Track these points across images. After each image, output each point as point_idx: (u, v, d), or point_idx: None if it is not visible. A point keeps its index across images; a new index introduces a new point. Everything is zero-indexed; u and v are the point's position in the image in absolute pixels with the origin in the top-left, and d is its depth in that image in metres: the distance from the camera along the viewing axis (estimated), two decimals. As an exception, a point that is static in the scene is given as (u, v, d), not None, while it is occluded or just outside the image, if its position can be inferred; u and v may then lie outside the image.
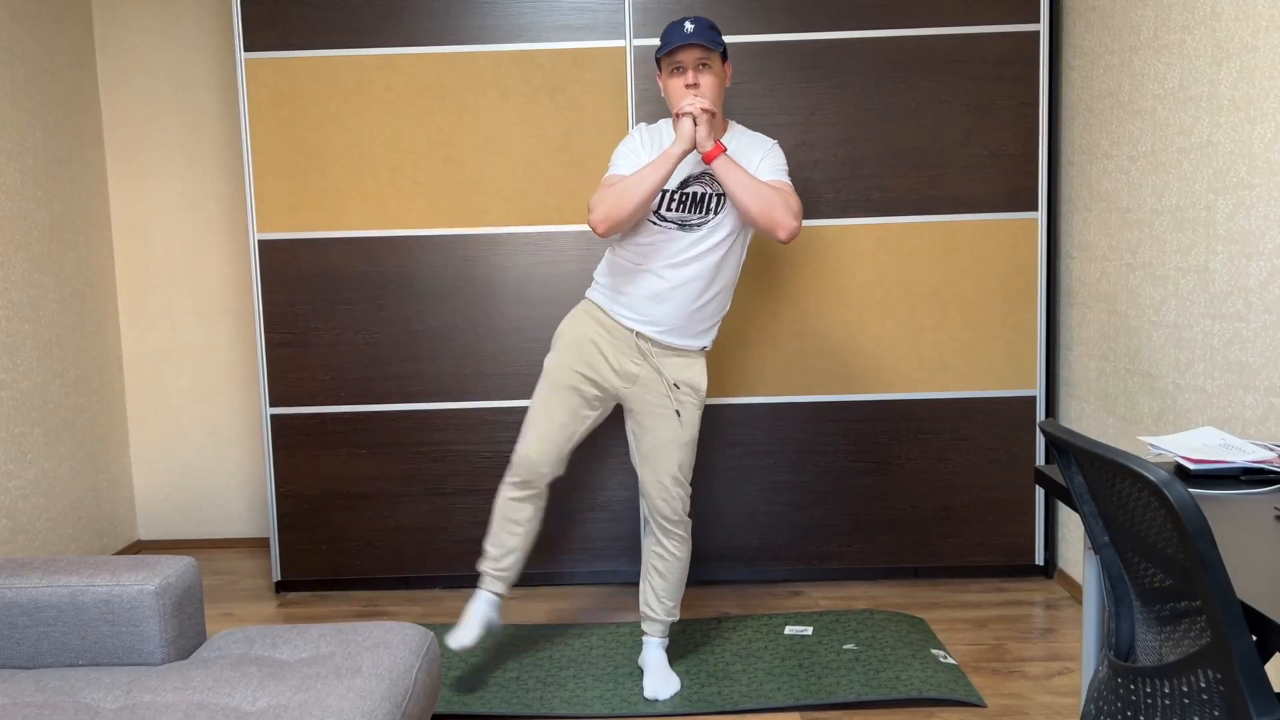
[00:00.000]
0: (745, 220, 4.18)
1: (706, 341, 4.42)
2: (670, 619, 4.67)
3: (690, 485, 4.75)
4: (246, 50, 5.61)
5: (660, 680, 4.59)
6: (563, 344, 4.45)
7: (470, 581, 5.91)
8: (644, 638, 4.73)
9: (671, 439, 4.41)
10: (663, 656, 4.67)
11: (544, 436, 4.45)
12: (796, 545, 5.84)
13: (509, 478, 4.49)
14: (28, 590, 3.37)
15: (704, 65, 4.18)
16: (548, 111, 5.61)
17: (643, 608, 4.69)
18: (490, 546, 4.57)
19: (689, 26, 4.15)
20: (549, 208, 5.66)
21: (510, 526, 4.53)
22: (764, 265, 5.64)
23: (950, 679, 4.59)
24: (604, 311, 4.44)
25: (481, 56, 5.59)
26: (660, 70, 4.27)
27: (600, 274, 4.49)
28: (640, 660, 4.78)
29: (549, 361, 4.45)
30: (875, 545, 5.84)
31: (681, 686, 4.61)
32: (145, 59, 6.50)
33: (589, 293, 4.50)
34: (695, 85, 4.17)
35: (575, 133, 5.62)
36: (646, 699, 4.52)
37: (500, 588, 4.58)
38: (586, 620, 5.45)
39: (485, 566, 4.58)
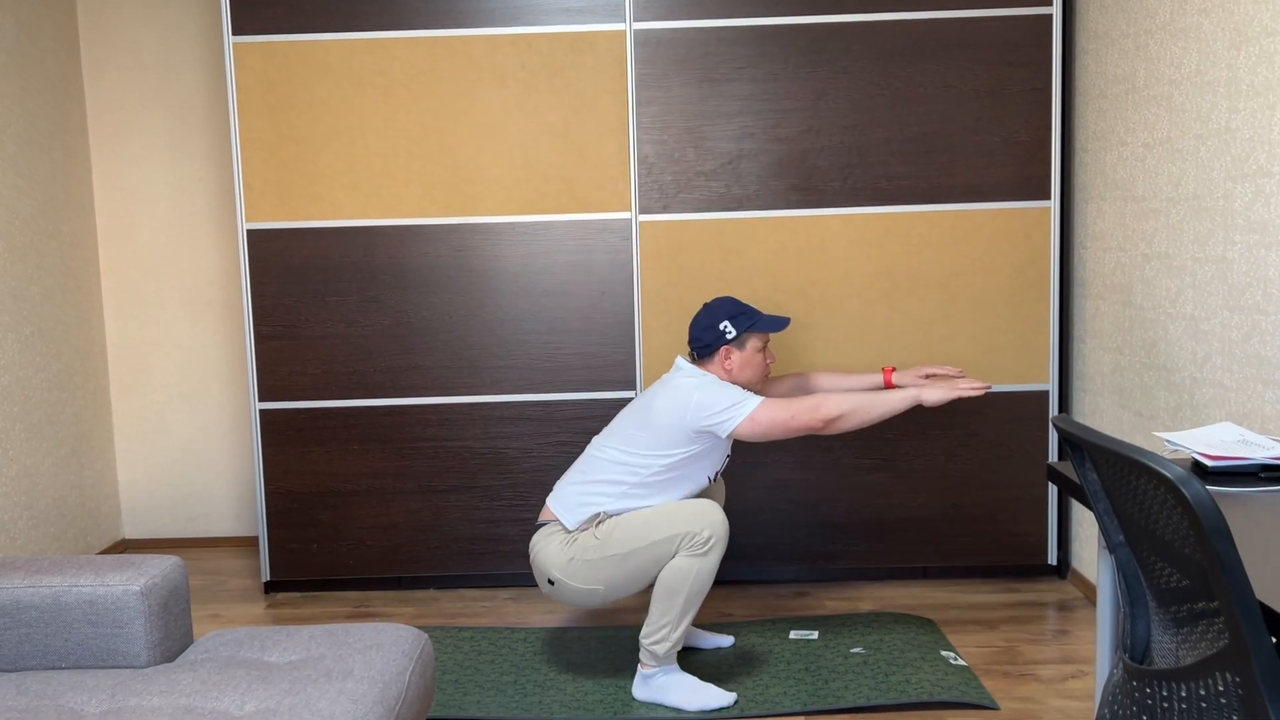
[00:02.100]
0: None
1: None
2: (653, 646, 4.51)
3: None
4: (235, 34, 5.60)
5: (682, 698, 4.56)
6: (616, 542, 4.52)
7: (465, 581, 5.91)
8: None
9: None
10: (667, 681, 4.60)
11: (695, 510, 4.50)
12: (801, 545, 5.84)
13: (721, 550, 4.50)
14: (9, 591, 3.37)
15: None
16: (545, 97, 5.61)
17: None
18: (684, 630, 4.51)
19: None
20: (547, 196, 5.65)
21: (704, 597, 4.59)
22: (768, 256, 5.64)
23: (961, 682, 4.59)
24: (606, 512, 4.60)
25: (477, 40, 5.59)
26: (737, 330, 4.64)
27: (597, 496, 4.61)
28: None
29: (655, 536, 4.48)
30: (882, 545, 5.84)
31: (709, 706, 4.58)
32: (130, 43, 6.50)
33: (588, 506, 4.60)
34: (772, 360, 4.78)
35: (574, 119, 5.61)
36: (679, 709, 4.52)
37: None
38: (587, 622, 5.45)
39: (673, 652, 4.54)
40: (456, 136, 5.64)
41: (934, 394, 4.45)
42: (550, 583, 4.53)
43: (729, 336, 4.60)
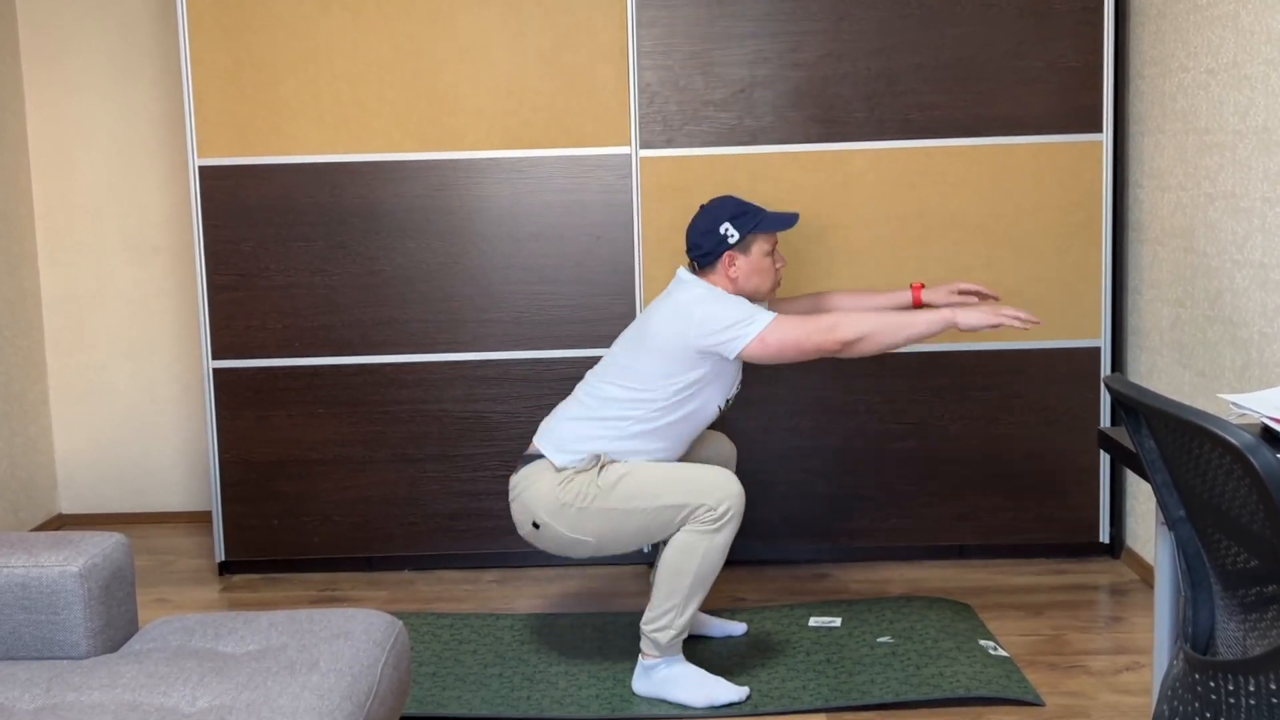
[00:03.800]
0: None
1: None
2: (655, 633, 4.51)
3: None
4: (183, -55, 5.60)
5: (688, 693, 4.57)
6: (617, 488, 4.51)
7: (445, 562, 5.92)
8: None
9: None
10: (671, 673, 4.58)
11: (706, 473, 4.50)
12: (823, 521, 5.86)
13: (735, 527, 4.49)
14: (-69, 572, 3.37)
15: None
16: (534, 16, 5.59)
17: None
18: (690, 616, 4.50)
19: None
20: (536, 129, 5.64)
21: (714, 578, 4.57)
22: (785, 197, 5.63)
23: (1002, 675, 4.60)
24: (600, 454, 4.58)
25: (457, -48, 5.58)
26: (740, 233, 4.61)
27: (595, 439, 4.59)
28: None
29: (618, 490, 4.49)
30: (914, 520, 5.85)
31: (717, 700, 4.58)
32: (66, -45, 6.48)
33: (579, 447, 4.58)
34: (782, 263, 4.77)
35: (566, 41, 5.60)
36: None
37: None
38: (581, 608, 5.47)
39: (677, 640, 4.53)
40: (434, 61, 5.62)
41: (971, 316, 4.39)
42: (535, 526, 4.53)
43: (731, 241, 4.58)
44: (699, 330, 4.43)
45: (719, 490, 4.33)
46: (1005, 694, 4.44)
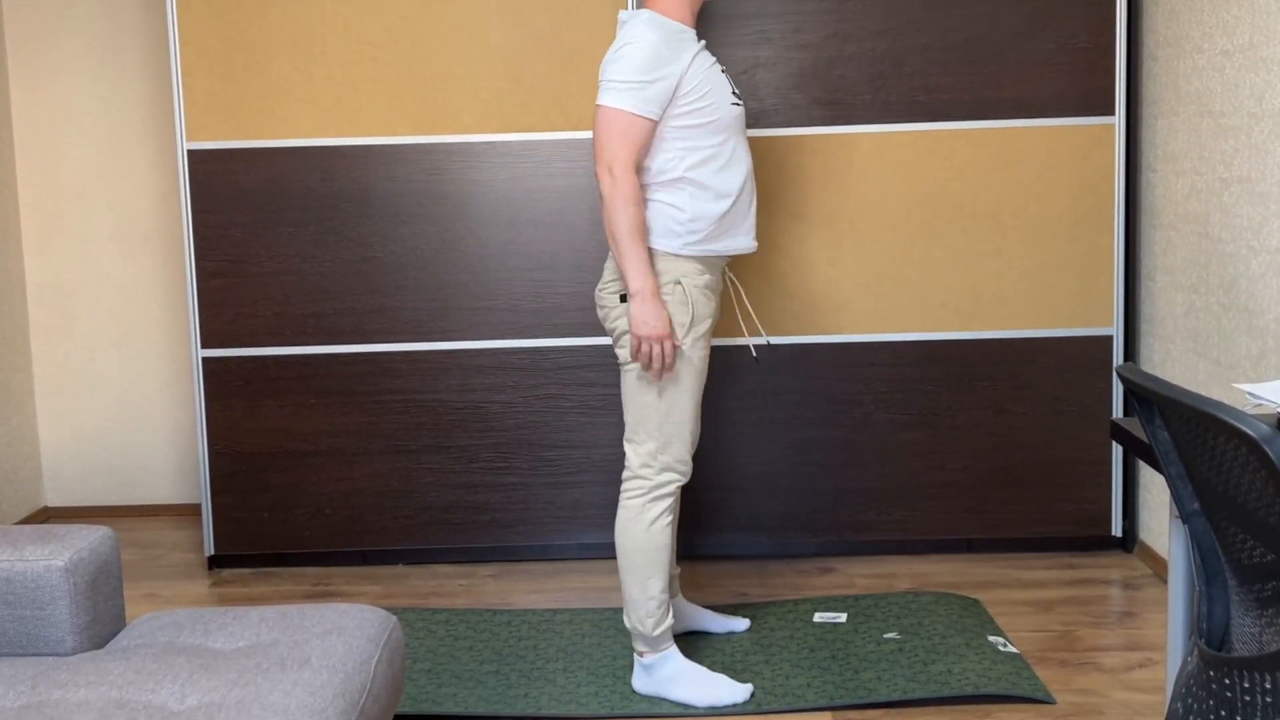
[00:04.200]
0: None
1: None
2: (636, 625, 4.51)
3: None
4: (171, -78, 5.59)
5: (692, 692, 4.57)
6: (701, 326, 4.44)
7: (440, 556, 5.92)
8: None
9: None
10: (671, 671, 4.57)
11: (695, 435, 4.51)
12: (827, 514, 5.86)
13: (670, 498, 4.45)
14: (-87, 566, 3.37)
15: None
16: (531, -4, 5.60)
17: None
18: (658, 597, 4.49)
19: None
20: (533, 111, 5.64)
21: (667, 554, 4.52)
22: (788, 181, 5.62)
23: (1011, 672, 4.60)
24: (700, 260, 4.45)
25: (452, -70, 5.58)
26: None
27: (670, 220, 4.42)
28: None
29: (694, 352, 4.42)
30: (921, 514, 5.85)
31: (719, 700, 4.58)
32: (50, -67, 6.47)
33: (666, 247, 4.42)
34: None
35: (564, 21, 5.59)
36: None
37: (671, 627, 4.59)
38: (580, 604, 5.47)
39: (660, 629, 4.53)
40: (428, 42, 5.61)
41: (635, 322, 4.31)
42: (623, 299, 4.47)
43: None
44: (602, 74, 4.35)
45: (672, 454, 4.39)
46: (1015, 692, 4.44)
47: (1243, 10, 4.73)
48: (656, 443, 4.39)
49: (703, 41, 4.41)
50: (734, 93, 4.49)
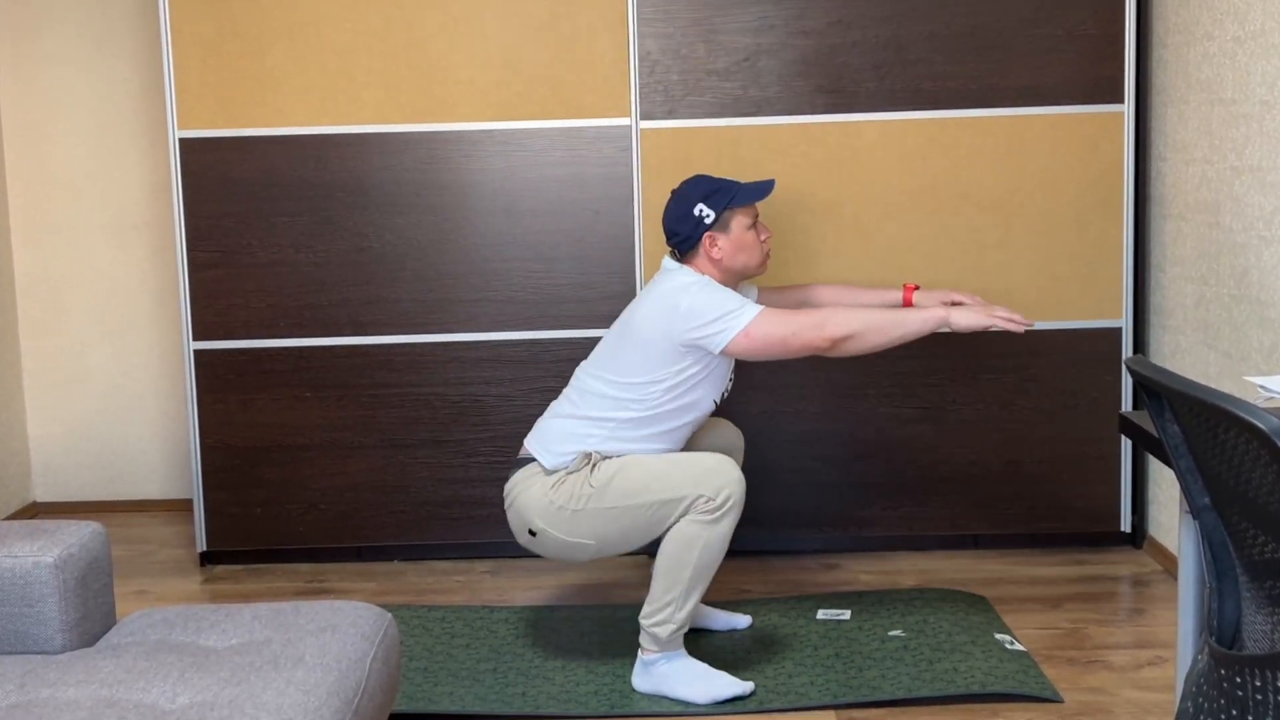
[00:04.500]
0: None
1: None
2: (654, 628, 4.50)
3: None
4: (162, -93, 5.59)
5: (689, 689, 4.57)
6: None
7: (436, 552, 5.93)
8: None
9: None
10: (671, 668, 4.57)
11: (696, 461, 4.51)
12: (831, 509, 5.86)
13: (736, 509, 4.44)
14: (-100, 563, 3.37)
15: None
16: (529, -18, 5.60)
17: None
18: (693, 610, 4.51)
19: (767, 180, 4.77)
20: (531, 100, 5.63)
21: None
22: (790, 171, 5.62)
23: (1018, 670, 4.60)
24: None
25: (448, -86, 5.57)
26: (715, 211, 4.58)
27: (584, 437, 4.58)
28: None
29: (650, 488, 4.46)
30: (926, 509, 5.85)
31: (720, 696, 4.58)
32: (39, -82, 6.47)
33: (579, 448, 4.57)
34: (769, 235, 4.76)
35: (563, 8, 5.59)
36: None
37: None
38: (578, 600, 5.47)
39: (678, 634, 4.53)
40: (425, 29, 5.61)
41: (965, 317, 4.43)
42: (531, 534, 4.54)
43: (708, 221, 4.56)
44: (684, 323, 4.42)
45: (717, 478, 4.32)
46: (1022, 690, 4.44)
47: (1254, -4, 4.73)
48: (687, 495, 4.39)
49: None
50: (722, 394, 4.72)
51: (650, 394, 4.50)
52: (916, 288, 4.93)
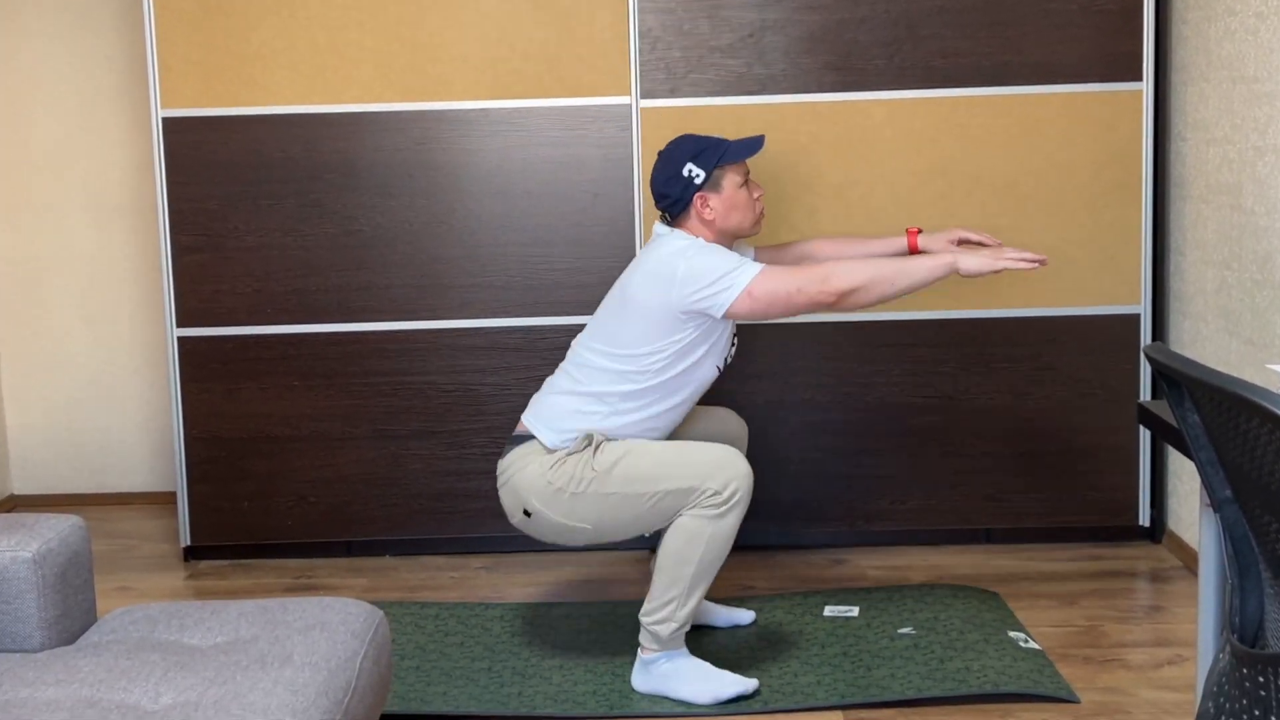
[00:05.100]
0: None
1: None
2: (655, 626, 4.49)
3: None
4: (144, -123, 5.58)
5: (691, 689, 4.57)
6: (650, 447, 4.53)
7: (429, 547, 5.93)
8: None
9: None
10: (672, 667, 4.56)
11: (695, 449, 4.51)
12: (839, 502, 5.86)
13: (741, 504, 4.44)
14: (-128, 558, 3.37)
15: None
16: (525, -45, 5.59)
17: None
18: (692, 605, 4.51)
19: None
20: (528, 78, 5.63)
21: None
22: (797, 151, 5.62)
23: (1033, 669, 4.60)
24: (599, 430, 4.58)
25: (441, -115, 5.57)
26: (705, 170, 4.57)
27: (586, 414, 4.59)
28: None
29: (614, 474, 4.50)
30: (937, 502, 5.85)
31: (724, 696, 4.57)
32: (17, -111, 6.46)
33: (576, 426, 4.58)
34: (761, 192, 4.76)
35: (560, -18, 5.59)
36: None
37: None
38: (576, 597, 5.47)
39: (680, 633, 4.53)
40: (418, 5, 5.60)
41: (973, 261, 4.42)
42: (526, 514, 4.53)
43: (698, 182, 4.55)
44: (682, 289, 4.41)
45: (725, 471, 4.32)
46: (1037, 690, 4.44)
47: (1278, -30, 4.72)
48: (693, 486, 4.39)
49: None
50: (725, 359, 4.73)
51: (652, 365, 4.50)
52: (920, 231, 4.93)
